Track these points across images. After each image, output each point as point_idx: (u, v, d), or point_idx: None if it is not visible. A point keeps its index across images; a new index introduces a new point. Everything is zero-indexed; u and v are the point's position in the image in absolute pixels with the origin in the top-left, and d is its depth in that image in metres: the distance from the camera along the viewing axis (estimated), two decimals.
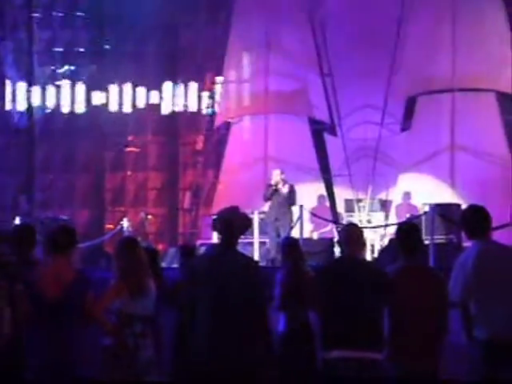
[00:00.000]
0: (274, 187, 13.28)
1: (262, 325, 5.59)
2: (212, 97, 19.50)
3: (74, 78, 19.28)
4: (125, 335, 6.17)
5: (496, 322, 5.64)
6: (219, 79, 19.16)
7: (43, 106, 19.17)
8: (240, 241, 5.80)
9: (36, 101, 19.10)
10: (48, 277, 5.92)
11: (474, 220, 5.89)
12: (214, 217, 5.80)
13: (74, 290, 5.90)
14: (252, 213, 13.30)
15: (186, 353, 5.66)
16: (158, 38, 18.91)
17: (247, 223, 5.85)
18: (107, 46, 19.02)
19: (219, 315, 5.40)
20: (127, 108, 19.52)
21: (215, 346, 5.37)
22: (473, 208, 6.03)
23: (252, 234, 13.58)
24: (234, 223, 5.60)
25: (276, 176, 13.41)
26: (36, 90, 19.09)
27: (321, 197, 16.45)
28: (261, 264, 9.80)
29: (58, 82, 19.21)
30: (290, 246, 8.02)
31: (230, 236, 5.60)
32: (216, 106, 19.27)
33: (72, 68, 19.19)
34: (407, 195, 15.73)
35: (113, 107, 19.46)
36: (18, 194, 18.16)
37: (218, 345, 5.37)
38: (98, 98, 19.34)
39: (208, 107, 19.55)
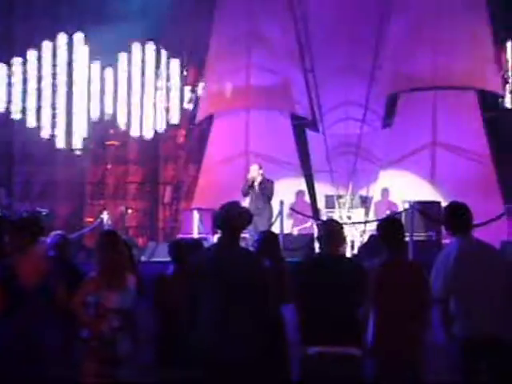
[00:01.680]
0: (250, 182, 13.27)
1: (269, 314, 5.61)
2: (194, 91, 19.45)
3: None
4: (102, 328, 6.14)
5: (475, 319, 5.66)
6: (201, 73, 19.10)
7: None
8: None
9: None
10: (25, 265, 5.88)
11: (456, 217, 5.91)
12: (215, 213, 5.72)
13: (50, 278, 5.88)
14: None
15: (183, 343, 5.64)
16: (141, 32, 18.78)
17: (248, 218, 5.78)
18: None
19: (226, 307, 5.42)
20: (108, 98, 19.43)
21: (223, 337, 5.38)
22: (455, 205, 6.05)
23: None
24: (234, 219, 5.58)
25: (253, 171, 13.36)
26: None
27: (299, 192, 16.45)
28: None
29: None
30: (266, 241, 7.27)
31: (232, 231, 5.60)
32: (198, 100, 19.22)
33: None
34: (386, 192, 15.77)
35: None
36: None
37: (227, 337, 5.38)
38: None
39: (190, 101, 19.49)
